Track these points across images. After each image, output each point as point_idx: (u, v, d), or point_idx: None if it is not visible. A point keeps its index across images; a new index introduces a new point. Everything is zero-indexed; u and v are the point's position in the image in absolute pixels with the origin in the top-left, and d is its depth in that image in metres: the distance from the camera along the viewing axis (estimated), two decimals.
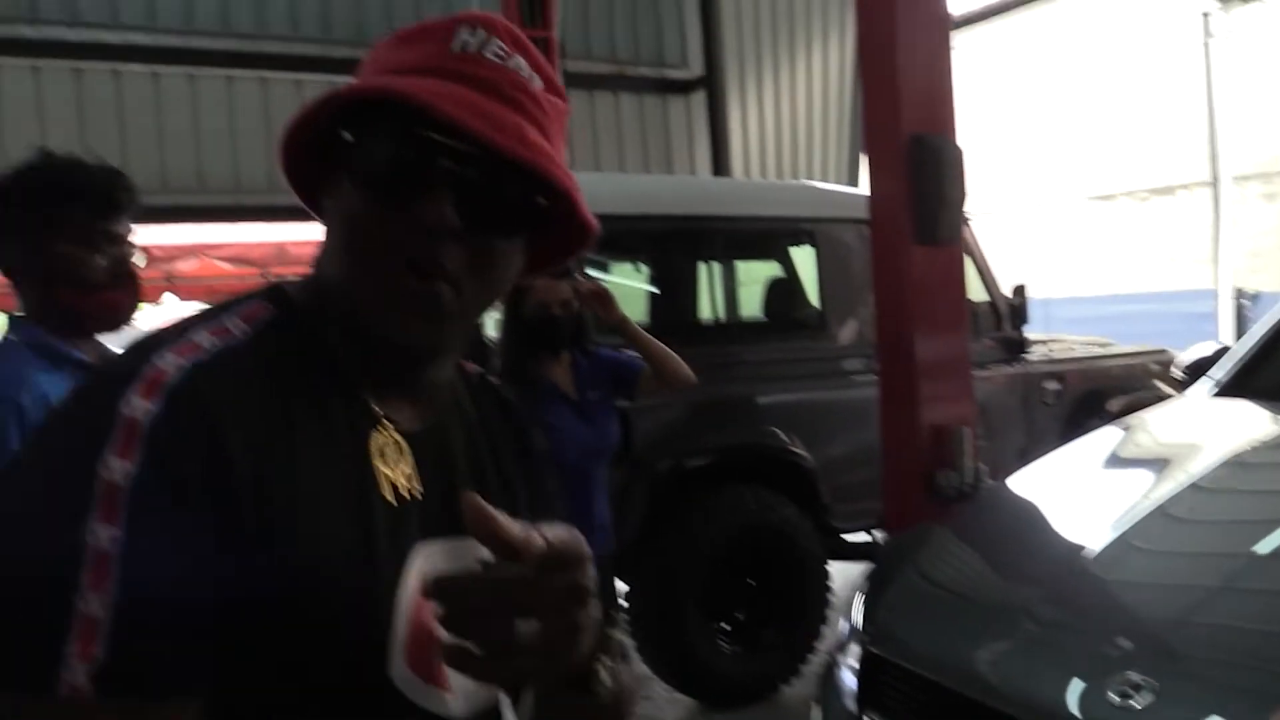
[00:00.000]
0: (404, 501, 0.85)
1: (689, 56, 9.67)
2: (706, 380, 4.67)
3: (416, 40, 0.85)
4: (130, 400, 0.71)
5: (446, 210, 0.78)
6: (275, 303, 0.86)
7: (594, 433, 3.24)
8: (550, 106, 0.86)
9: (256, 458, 0.74)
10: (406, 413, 0.89)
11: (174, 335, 0.79)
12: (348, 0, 8.29)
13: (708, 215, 4.99)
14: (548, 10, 7.93)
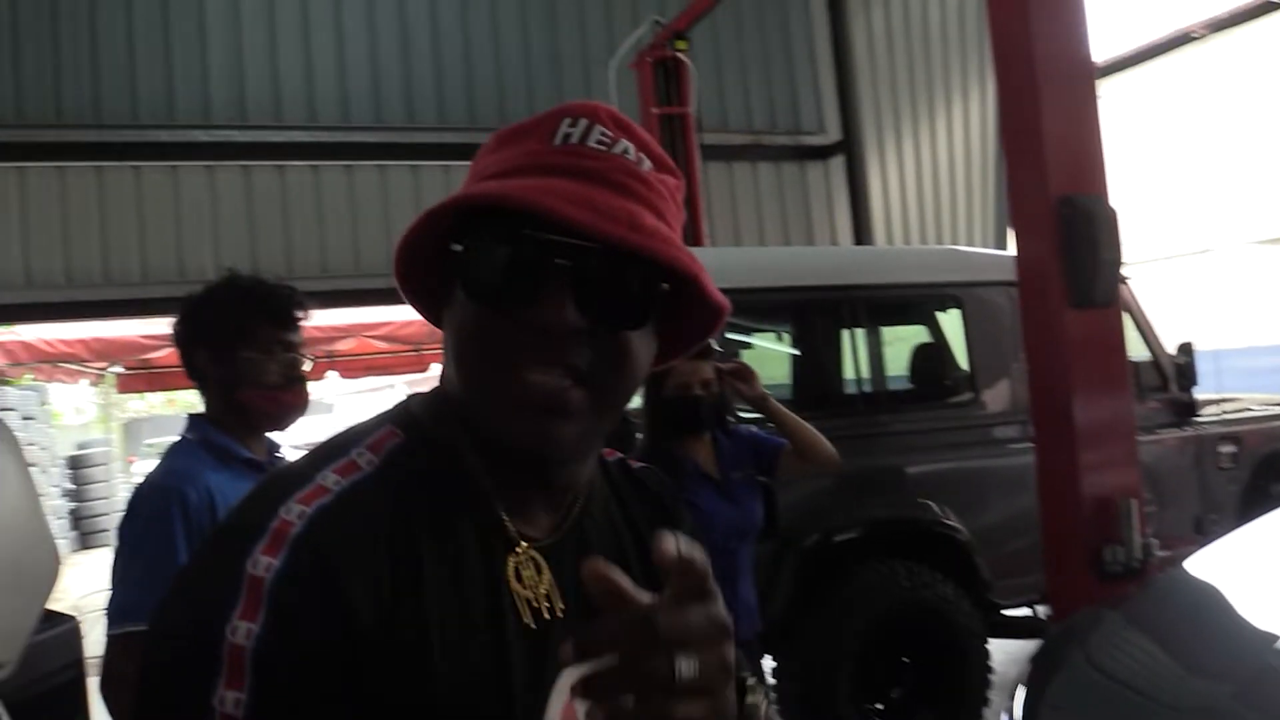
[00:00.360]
0: (544, 623, 0.82)
1: (825, 121, 9.65)
2: (854, 451, 4.60)
3: (518, 139, 0.84)
4: (256, 558, 0.71)
5: (566, 310, 0.76)
6: (404, 425, 0.85)
7: (738, 512, 3.19)
8: (662, 185, 0.84)
9: (382, 603, 0.73)
10: (543, 522, 0.87)
11: (302, 477, 0.78)
12: (490, 90, 8.64)
13: (850, 285, 4.93)
14: (683, 87, 8.05)
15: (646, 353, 0.85)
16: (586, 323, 0.77)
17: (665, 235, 0.79)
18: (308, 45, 8.15)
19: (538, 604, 0.83)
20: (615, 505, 0.97)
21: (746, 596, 3.22)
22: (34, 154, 7.25)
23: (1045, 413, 4.01)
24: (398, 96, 8.38)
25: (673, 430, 3.17)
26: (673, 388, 3.14)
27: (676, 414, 3.15)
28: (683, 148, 8.02)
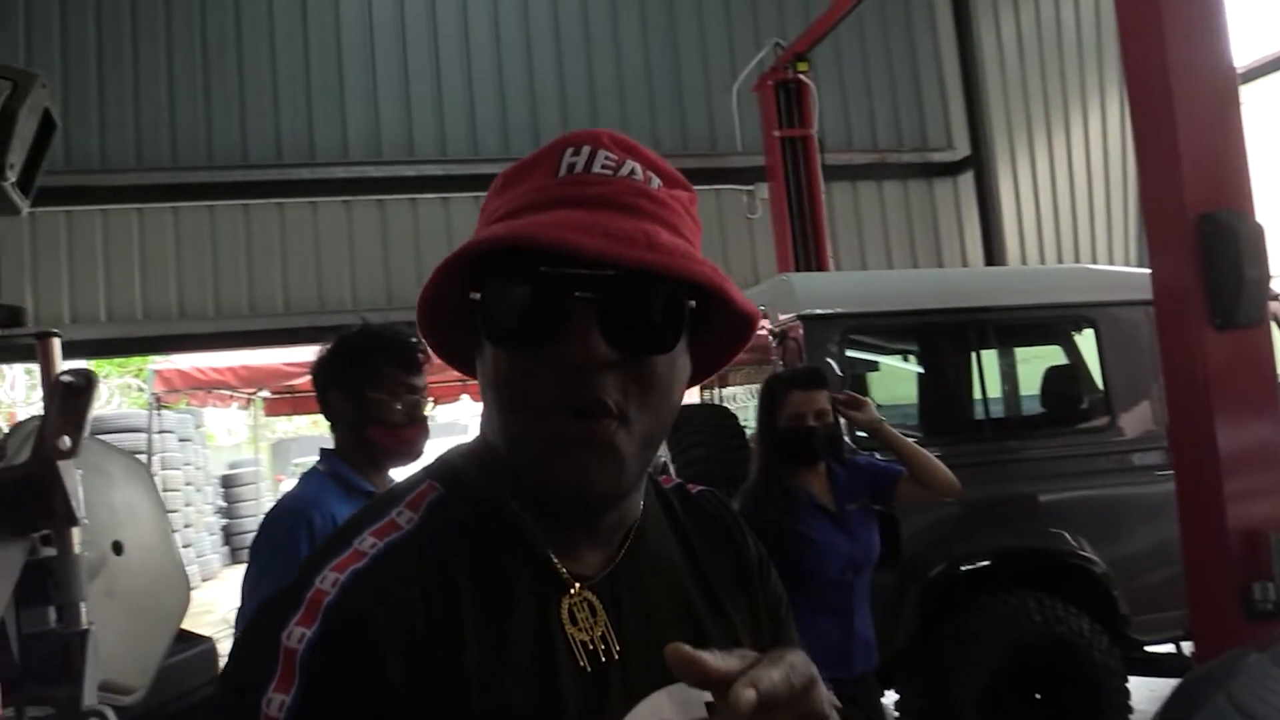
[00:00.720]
0: (600, 665, 0.80)
1: (954, 136, 9.42)
2: (983, 478, 4.48)
3: (523, 177, 0.82)
4: (291, 630, 0.71)
5: (592, 343, 0.73)
6: (443, 478, 0.84)
7: (854, 544, 3.14)
8: (675, 201, 0.82)
9: (418, 662, 0.72)
10: (595, 560, 0.85)
11: (340, 544, 0.78)
12: (614, 119, 8.75)
13: (978, 307, 4.80)
14: (805, 109, 8.01)
15: (682, 373, 0.83)
16: (616, 354, 0.75)
17: (685, 250, 0.77)
18: (439, 83, 8.44)
19: (593, 646, 0.80)
20: (672, 533, 0.94)
21: (863, 629, 3.16)
22: (186, 194, 7.75)
23: (1185, 439, 3.81)
24: (525, 128, 8.58)
25: (787, 461, 3.15)
26: (786, 419, 3.12)
27: (791, 445, 3.13)
28: (805, 170, 7.98)
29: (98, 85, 7.79)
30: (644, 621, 0.84)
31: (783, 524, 3.02)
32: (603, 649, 0.81)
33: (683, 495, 0.99)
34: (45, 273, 7.56)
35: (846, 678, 3.07)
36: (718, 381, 5.92)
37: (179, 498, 10.66)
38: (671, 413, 0.81)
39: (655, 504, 0.94)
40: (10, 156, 2.01)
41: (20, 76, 2.01)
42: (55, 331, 1.61)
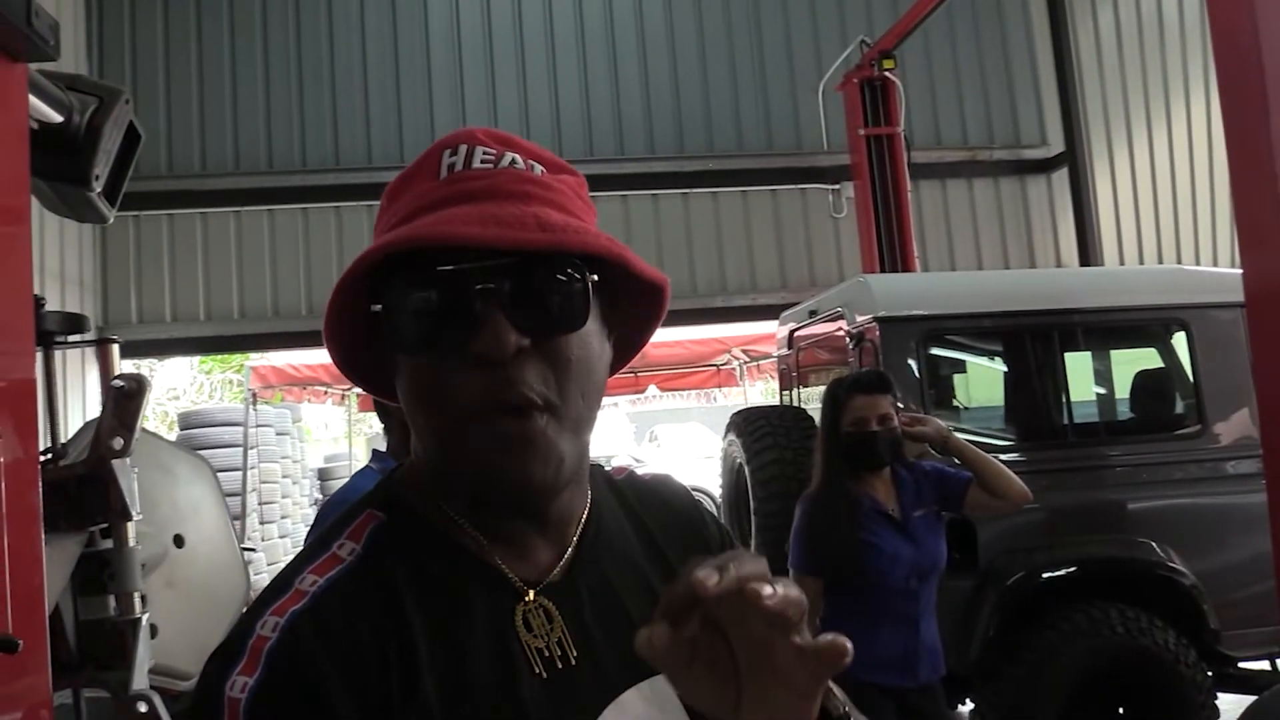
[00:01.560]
0: (560, 670, 0.79)
1: (1047, 132, 9.17)
2: (1068, 484, 4.36)
3: (406, 186, 0.82)
4: (233, 679, 0.70)
5: (502, 332, 0.73)
6: (384, 503, 0.83)
7: (919, 551, 3.07)
8: (562, 184, 0.81)
9: (373, 701, 0.71)
10: (547, 558, 0.83)
11: (282, 585, 0.77)
12: (698, 120, 8.76)
13: (1065, 309, 4.68)
14: (891, 107, 7.90)
15: (601, 351, 0.81)
16: (528, 340, 0.74)
17: (578, 227, 0.76)
18: (524, 88, 8.57)
19: (549, 652, 0.79)
20: (627, 521, 0.92)
21: (929, 638, 3.11)
22: (281, 198, 8.03)
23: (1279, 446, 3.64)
24: (609, 130, 8.65)
25: (850, 467, 3.11)
26: (849, 424, 3.09)
27: (854, 450, 3.09)
28: (891, 168, 7.87)
29: (198, 96, 8.13)
30: (607, 617, 0.83)
31: (845, 531, 2.99)
32: (559, 655, 0.79)
33: (635, 483, 0.98)
34: (149, 274, 7.93)
35: (912, 686, 3.03)
36: (796, 382, 5.88)
37: (276, 489, 11.01)
38: (597, 393, 0.80)
39: (607, 495, 0.92)
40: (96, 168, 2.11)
41: (105, 92, 2.11)
42: (113, 338, 1.70)
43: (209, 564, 1.80)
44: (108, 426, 1.50)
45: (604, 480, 0.94)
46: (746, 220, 8.75)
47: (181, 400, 17.36)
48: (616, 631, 0.81)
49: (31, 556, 1.22)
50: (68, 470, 1.52)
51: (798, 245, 8.76)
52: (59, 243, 7.06)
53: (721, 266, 8.67)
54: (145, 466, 1.64)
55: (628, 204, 8.59)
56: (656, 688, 0.79)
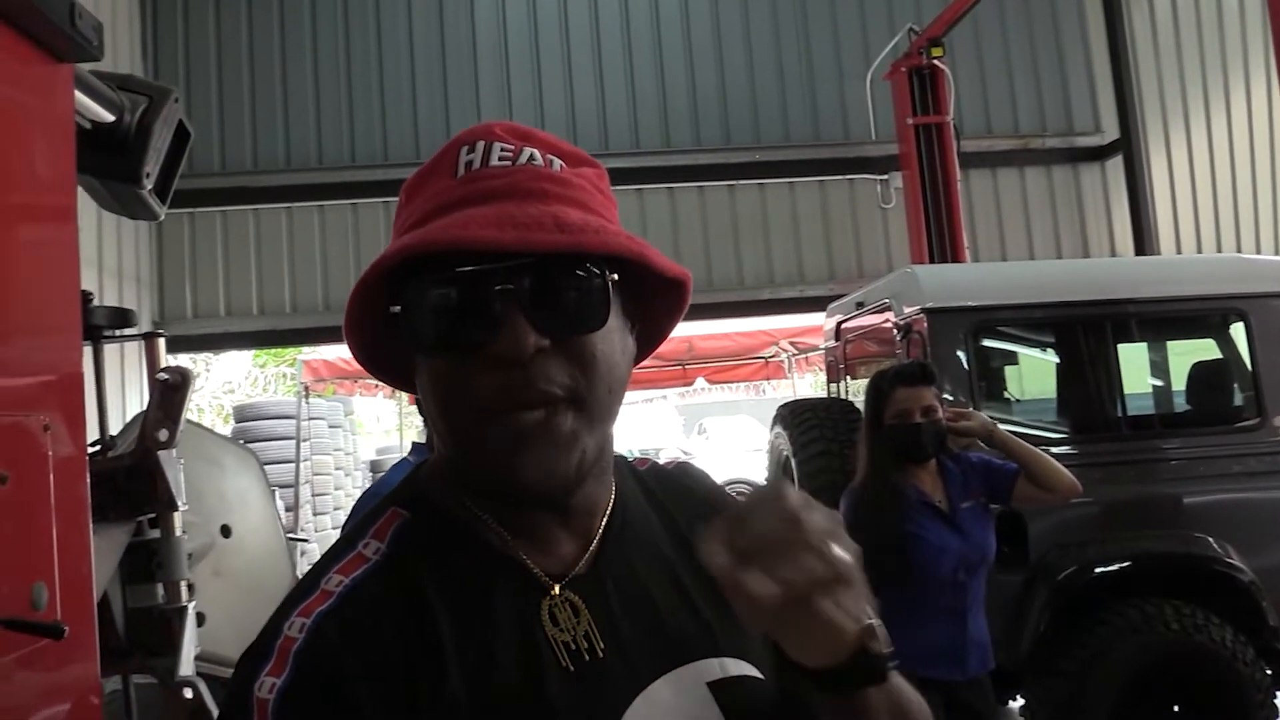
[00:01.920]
0: (586, 663, 0.78)
1: (1101, 120, 8.99)
2: (1122, 478, 4.28)
3: (423, 184, 0.81)
4: (261, 680, 0.70)
5: (521, 334, 0.73)
6: (408, 501, 0.84)
7: (967, 543, 3.03)
8: (582, 179, 0.81)
9: (400, 700, 0.71)
10: (572, 551, 0.83)
11: (310, 586, 0.77)
12: (744, 110, 8.72)
13: (1119, 299, 4.59)
14: (940, 95, 7.80)
15: (623, 346, 0.81)
16: (548, 340, 0.74)
17: (596, 225, 0.76)
18: (569, 82, 8.59)
19: (575, 645, 0.78)
20: (651, 510, 0.92)
21: (977, 631, 3.07)
22: (332, 193, 8.13)
23: None
24: (655, 123, 8.64)
25: (895, 459, 3.08)
26: (892, 416, 3.06)
27: (897, 442, 3.06)
28: (941, 158, 7.77)
29: (250, 95, 8.27)
30: (634, 608, 0.83)
31: (891, 523, 2.95)
32: (585, 648, 0.79)
33: (658, 473, 0.98)
34: (204, 270, 8.08)
35: (960, 680, 3.00)
36: (844, 374, 5.84)
37: (329, 481, 11.18)
38: (620, 388, 0.80)
39: (632, 485, 0.92)
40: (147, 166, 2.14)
41: (155, 91, 2.15)
42: (160, 332, 1.73)
43: (256, 553, 1.83)
44: (153, 419, 1.54)
45: (628, 471, 0.94)
46: (794, 211, 8.70)
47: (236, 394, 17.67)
48: (643, 622, 0.82)
49: (80, 545, 1.25)
50: (116, 462, 1.55)
51: (845, 236, 8.69)
52: (116, 240, 7.22)
53: (769, 258, 8.63)
54: (192, 458, 1.67)
55: (674, 196, 8.58)
56: (684, 676, 0.79)
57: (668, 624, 0.83)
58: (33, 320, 1.29)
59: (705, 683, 0.81)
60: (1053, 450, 4.42)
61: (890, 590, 2.99)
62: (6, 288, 1.25)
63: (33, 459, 1.19)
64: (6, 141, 1.27)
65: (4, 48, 1.24)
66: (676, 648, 0.82)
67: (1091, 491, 4.28)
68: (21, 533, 1.16)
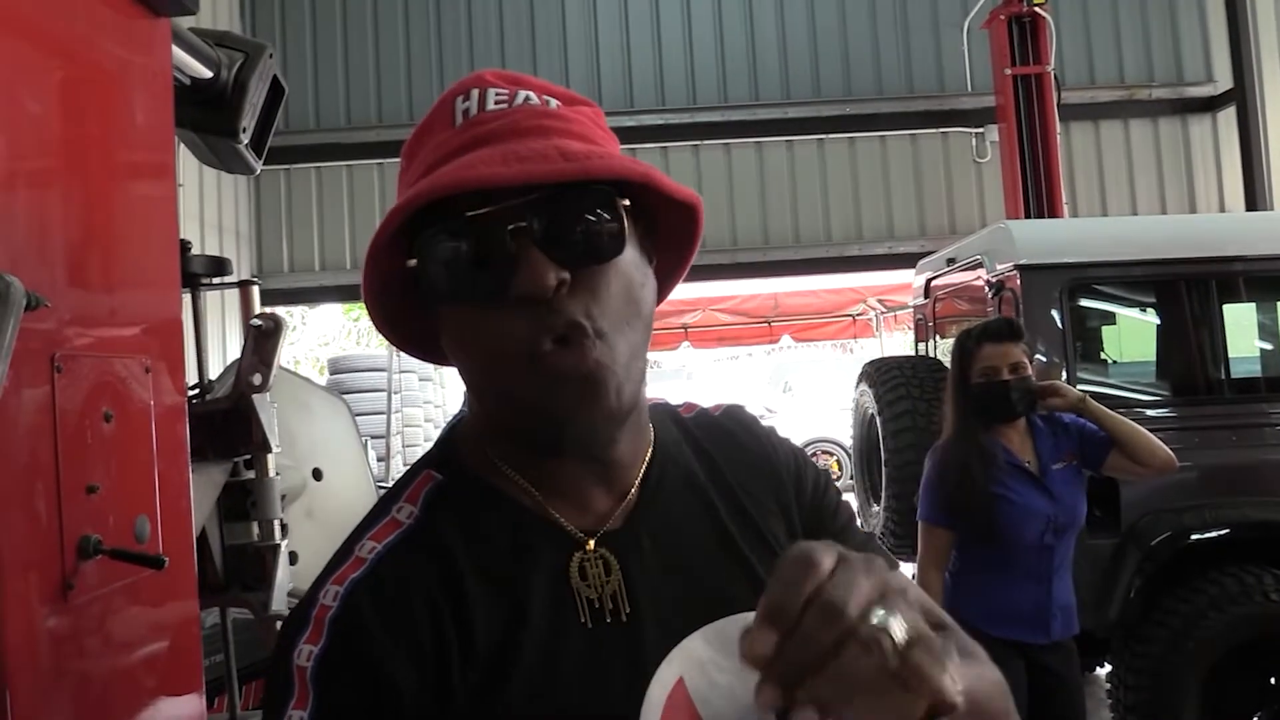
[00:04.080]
0: (605, 625, 0.78)
1: (1214, 68, 8.56)
2: (1225, 442, 4.14)
3: (423, 140, 0.80)
4: (300, 648, 0.72)
5: (540, 269, 0.71)
6: (440, 463, 0.84)
7: (1056, 506, 2.95)
8: (579, 115, 0.80)
9: (430, 666, 0.73)
10: (605, 507, 0.82)
11: (344, 553, 0.78)
12: (835, 62, 8.53)
13: (1226, 256, 4.41)
14: (1041, 44, 7.51)
15: (643, 276, 0.79)
16: (568, 273, 0.72)
17: (601, 153, 0.75)
18: (658, 37, 8.51)
19: (600, 604, 0.78)
20: (695, 460, 0.89)
21: (1063, 595, 3.01)
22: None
23: None
24: (743, 75, 8.52)
25: (982, 417, 3.00)
26: (979, 374, 2.98)
27: (984, 401, 2.98)
28: (1040, 110, 7.51)
29: (343, 53, 8.39)
30: (671, 565, 0.82)
31: (978, 483, 2.89)
32: (610, 609, 0.78)
33: (703, 418, 0.95)
34: (299, 225, 8.29)
35: (1044, 643, 2.95)
36: (933, 333, 5.73)
37: (419, 433, 11.44)
38: (645, 316, 0.79)
39: (674, 434, 0.90)
40: (244, 120, 2.20)
41: (250, 47, 2.19)
42: (255, 280, 1.79)
43: (346, 498, 1.89)
44: (248, 363, 1.60)
45: (671, 419, 0.92)
46: (884, 166, 8.51)
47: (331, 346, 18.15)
48: (679, 579, 0.81)
49: (179, 483, 1.32)
50: (213, 404, 1.62)
51: (937, 192, 8.49)
52: (217, 195, 7.45)
53: (858, 214, 8.48)
54: (285, 403, 1.73)
55: (762, 151, 8.48)
56: (721, 631, 0.78)
57: (706, 579, 0.82)
58: (134, 268, 1.35)
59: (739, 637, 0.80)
60: (1149, 414, 4.30)
61: (975, 550, 2.95)
62: (110, 238, 1.31)
63: (135, 399, 1.25)
64: (108, 95, 1.32)
65: (103, 1, 1.28)
66: (715, 603, 0.79)
67: (1190, 456, 4.15)
68: (125, 468, 1.22)
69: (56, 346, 1.12)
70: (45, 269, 1.13)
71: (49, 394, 1.10)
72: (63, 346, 1.13)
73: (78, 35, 1.25)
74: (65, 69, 1.22)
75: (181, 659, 1.34)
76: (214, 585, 1.61)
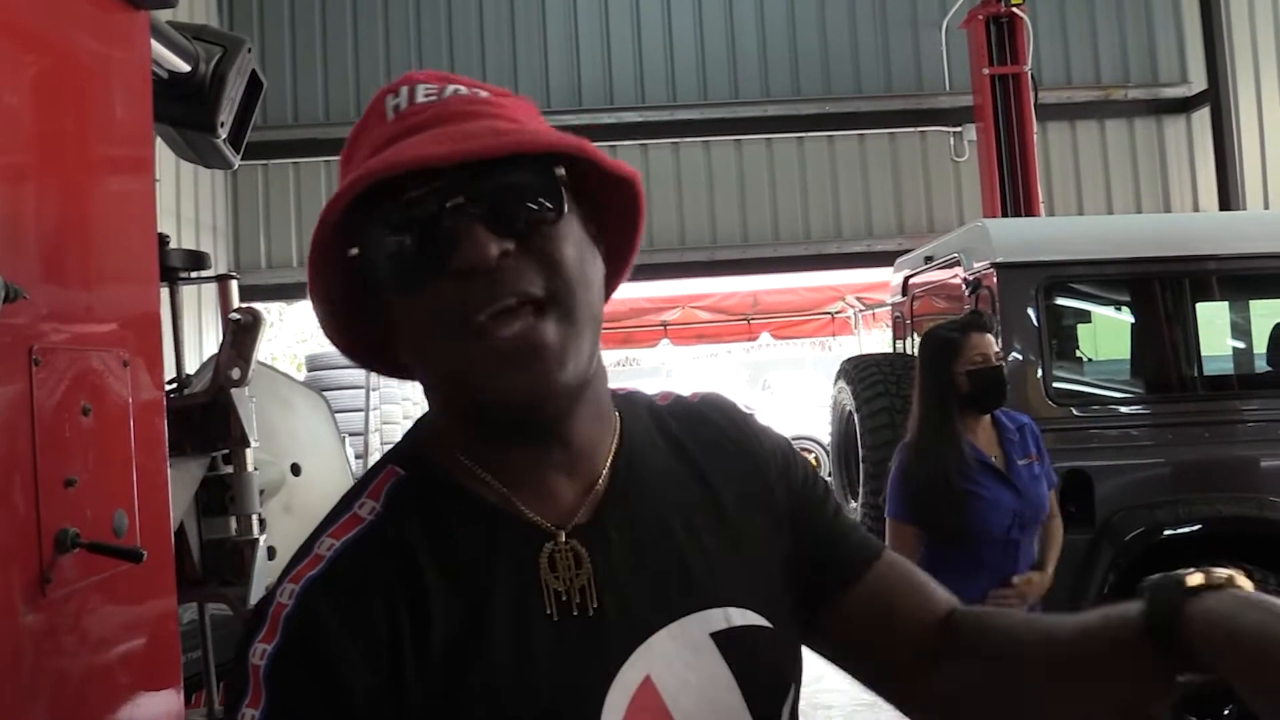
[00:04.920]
0: (581, 614, 0.77)
1: (1189, 70, 8.66)
2: (1199, 438, 4.19)
3: (359, 140, 0.81)
4: (256, 648, 0.72)
5: (480, 240, 0.71)
6: (404, 459, 0.83)
7: (1022, 501, 3.00)
8: (508, 101, 0.81)
9: (384, 663, 0.72)
10: (572, 501, 0.81)
11: (303, 551, 0.78)
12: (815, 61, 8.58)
13: (1198, 255, 4.45)
14: (1019, 44, 7.58)
15: (590, 254, 0.80)
16: (510, 243, 0.73)
17: (533, 129, 0.76)
18: (638, 33, 8.52)
19: (568, 596, 0.77)
20: (669, 451, 0.88)
21: None
22: None
23: None
24: (723, 73, 8.55)
25: (972, 408, 3.04)
26: (970, 361, 3.00)
27: (982, 384, 3.01)
28: (1017, 109, 7.57)
29: (321, 48, 8.38)
30: (639, 558, 0.81)
31: (948, 480, 2.93)
32: (577, 602, 0.77)
33: (679, 406, 0.94)
34: (277, 220, 8.25)
35: None
36: (911, 330, 5.77)
37: (397, 430, 11.40)
38: (596, 295, 0.79)
39: (646, 424, 0.89)
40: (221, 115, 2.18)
41: (229, 41, 2.18)
42: (233, 275, 1.79)
43: (325, 492, 1.89)
44: (226, 357, 1.59)
45: (645, 408, 0.92)
46: (863, 164, 8.56)
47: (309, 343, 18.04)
48: (647, 573, 0.80)
49: (157, 477, 1.31)
50: (191, 399, 1.62)
51: (916, 190, 8.55)
52: (194, 191, 7.40)
53: (836, 212, 8.53)
54: (264, 398, 1.73)
55: (741, 149, 8.51)
56: (686, 628, 0.78)
57: (674, 572, 0.81)
58: (112, 262, 1.34)
59: (709, 633, 0.80)
60: (1123, 411, 4.35)
61: (942, 546, 2.97)
62: (88, 232, 1.30)
63: (113, 393, 1.25)
64: (86, 88, 1.31)
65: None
66: (681, 598, 0.80)
67: (1163, 453, 4.20)
68: (103, 462, 1.22)
69: (34, 340, 1.12)
70: (23, 262, 1.12)
71: (27, 387, 1.09)
72: (41, 340, 1.13)
73: (56, 28, 1.24)
74: (43, 62, 1.21)
75: (159, 654, 1.34)
76: (192, 579, 1.60)
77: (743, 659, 0.80)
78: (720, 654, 0.79)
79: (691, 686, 0.78)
